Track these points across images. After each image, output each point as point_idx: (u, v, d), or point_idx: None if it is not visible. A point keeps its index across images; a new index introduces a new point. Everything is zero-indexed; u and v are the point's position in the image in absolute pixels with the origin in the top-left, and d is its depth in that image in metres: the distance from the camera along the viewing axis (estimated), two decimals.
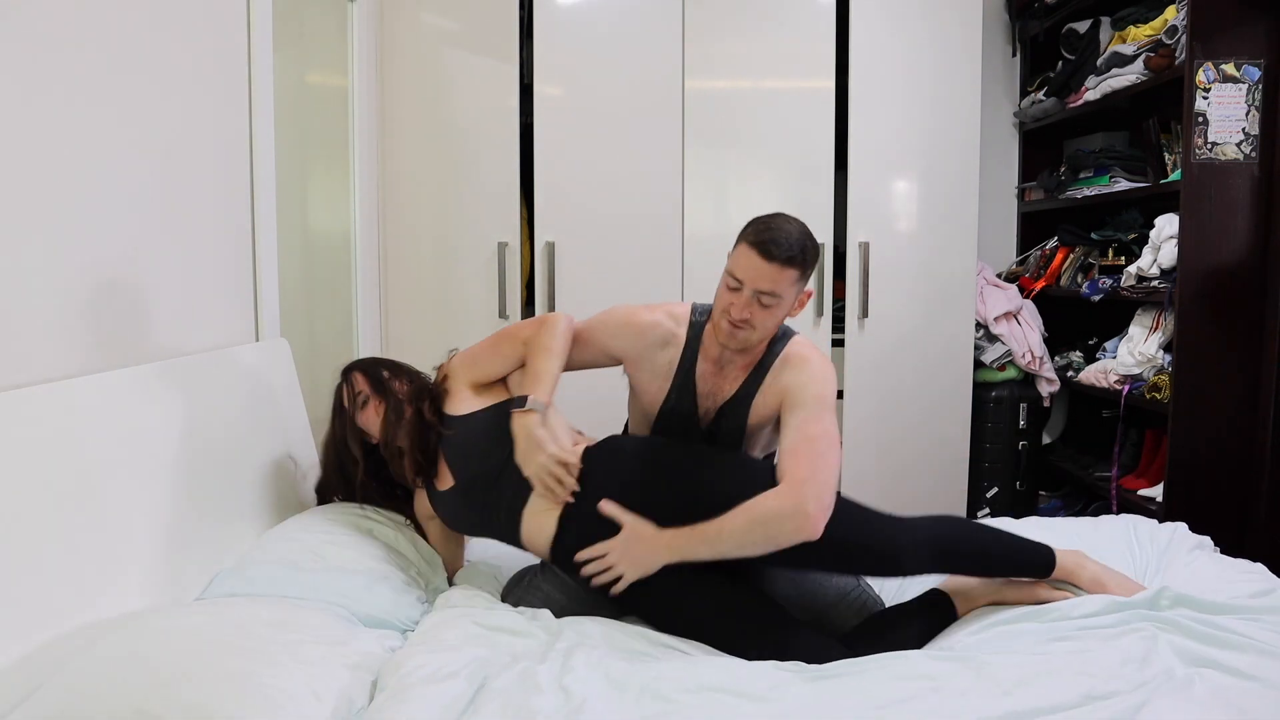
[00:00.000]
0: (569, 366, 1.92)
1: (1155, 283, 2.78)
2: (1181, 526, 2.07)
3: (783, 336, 1.87)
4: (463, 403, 1.88)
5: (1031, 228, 3.65)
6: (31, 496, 1.36)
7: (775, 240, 1.72)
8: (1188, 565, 1.87)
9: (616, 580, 1.70)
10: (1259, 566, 1.82)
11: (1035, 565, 1.76)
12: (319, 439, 2.34)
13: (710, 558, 1.68)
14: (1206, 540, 2.03)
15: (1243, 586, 1.71)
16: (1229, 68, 2.57)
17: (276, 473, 2.05)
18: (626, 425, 2.11)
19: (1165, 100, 2.92)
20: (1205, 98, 2.58)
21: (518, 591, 1.87)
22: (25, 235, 1.45)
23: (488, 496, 1.82)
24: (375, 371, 1.97)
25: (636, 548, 1.70)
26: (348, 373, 1.99)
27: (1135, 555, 1.98)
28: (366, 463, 1.96)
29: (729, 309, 1.76)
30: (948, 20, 3.12)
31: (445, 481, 1.87)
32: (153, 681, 1.23)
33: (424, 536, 1.98)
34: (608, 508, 1.73)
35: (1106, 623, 1.60)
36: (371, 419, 1.92)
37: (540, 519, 1.78)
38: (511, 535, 1.82)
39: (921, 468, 3.24)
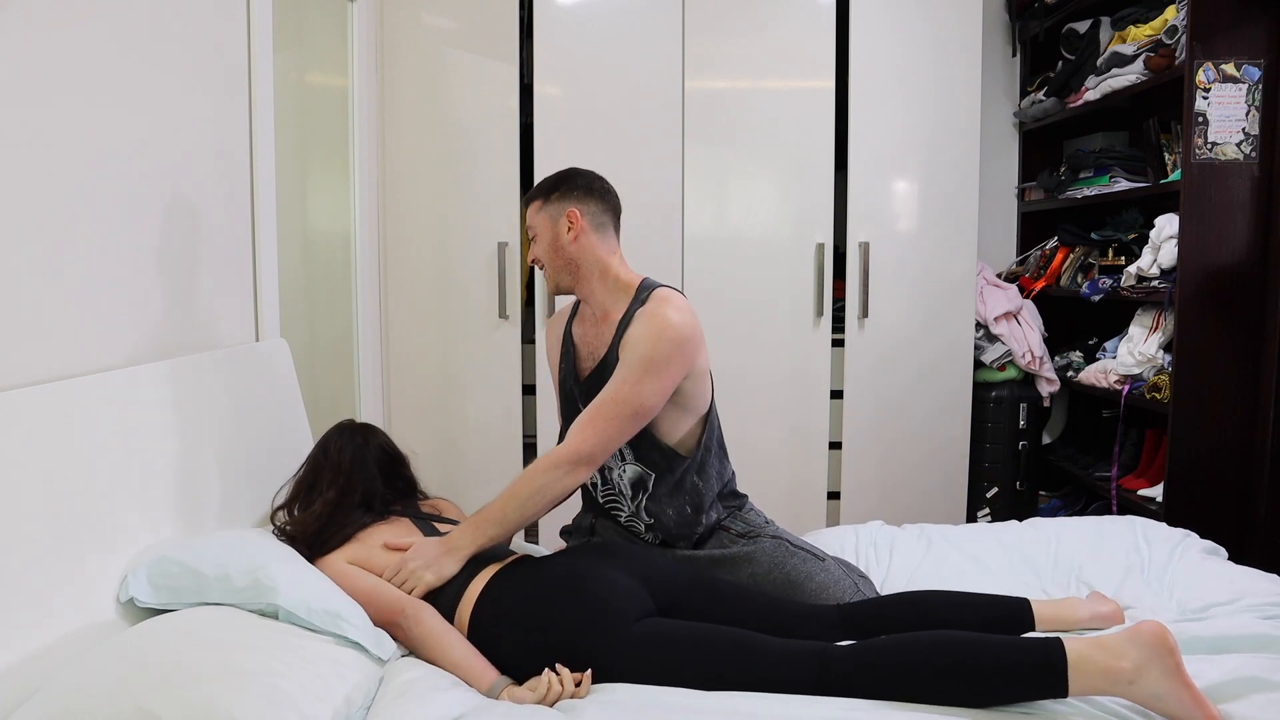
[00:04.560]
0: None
1: (1155, 283, 2.78)
2: (1192, 535, 2.07)
3: (645, 287, 1.93)
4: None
5: (1031, 228, 3.65)
6: (31, 496, 1.36)
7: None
8: (1198, 572, 1.86)
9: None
10: (1273, 577, 1.81)
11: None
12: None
13: (503, 534, 1.76)
14: (1219, 549, 2.03)
15: (1256, 598, 1.69)
16: (1229, 68, 2.57)
17: (276, 473, 2.05)
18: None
19: (1165, 100, 2.92)
20: (1205, 98, 2.58)
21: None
22: (24, 236, 1.45)
23: None
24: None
25: (425, 550, 1.72)
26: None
27: (1142, 556, 1.97)
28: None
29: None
30: (948, 20, 3.12)
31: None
32: (156, 680, 1.23)
33: None
34: (390, 542, 1.76)
35: None
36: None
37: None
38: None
39: (921, 468, 3.24)
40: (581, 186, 1.94)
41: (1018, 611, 1.69)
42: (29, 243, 1.46)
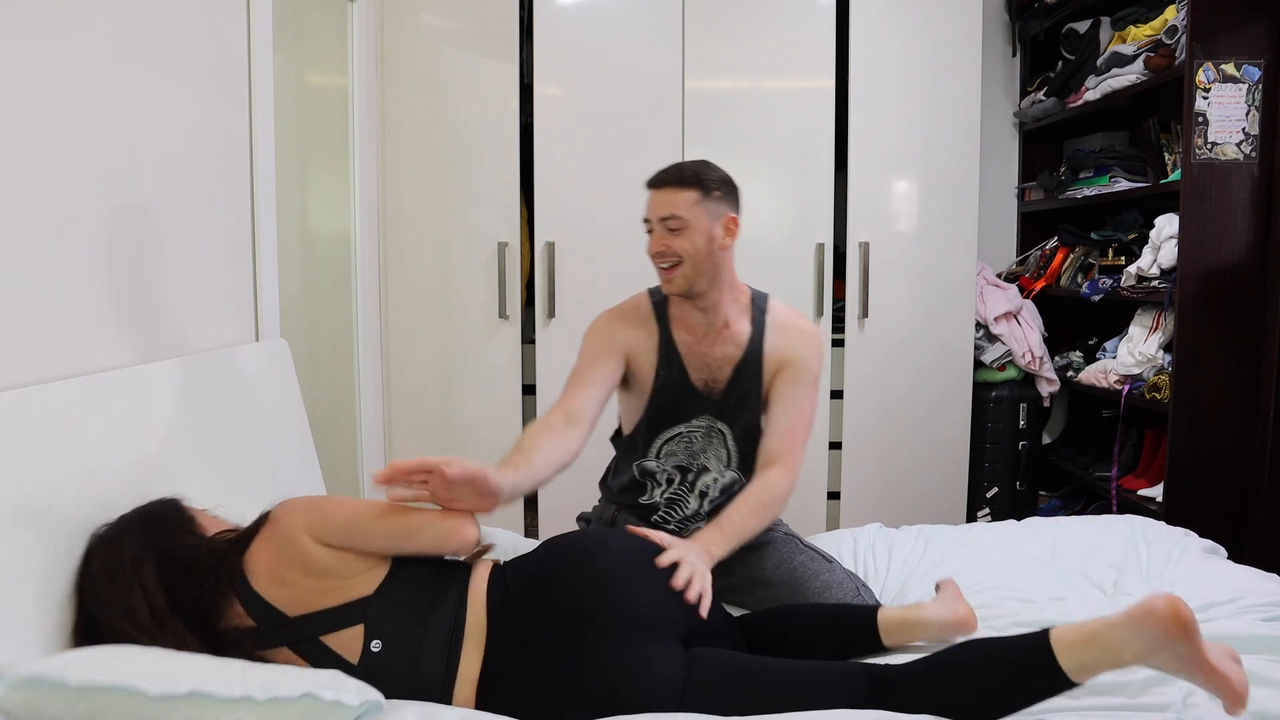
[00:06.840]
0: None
1: (1155, 283, 2.78)
2: (1192, 535, 2.07)
3: (758, 297, 1.95)
4: None
5: (1031, 228, 3.65)
6: (29, 497, 1.36)
7: (661, 171, 1.88)
8: (1198, 572, 1.86)
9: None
10: (1273, 576, 1.81)
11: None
12: (319, 440, 2.34)
13: (740, 545, 1.74)
14: (1219, 548, 2.03)
15: (1256, 598, 1.69)
16: (1229, 68, 2.57)
17: (276, 473, 2.05)
18: (618, 432, 2.05)
19: (1165, 100, 2.92)
20: (1205, 98, 2.58)
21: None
22: (22, 237, 1.45)
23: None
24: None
25: (691, 546, 1.60)
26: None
27: (1142, 556, 1.97)
28: None
29: (650, 249, 1.86)
30: (948, 20, 3.12)
31: None
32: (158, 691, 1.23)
33: None
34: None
35: None
36: None
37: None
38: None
39: (921, 468, 3.24)
40: (735, 191, 1.88)
41: (864, 624, 1.64)
42: (26, 243, 1.46)
